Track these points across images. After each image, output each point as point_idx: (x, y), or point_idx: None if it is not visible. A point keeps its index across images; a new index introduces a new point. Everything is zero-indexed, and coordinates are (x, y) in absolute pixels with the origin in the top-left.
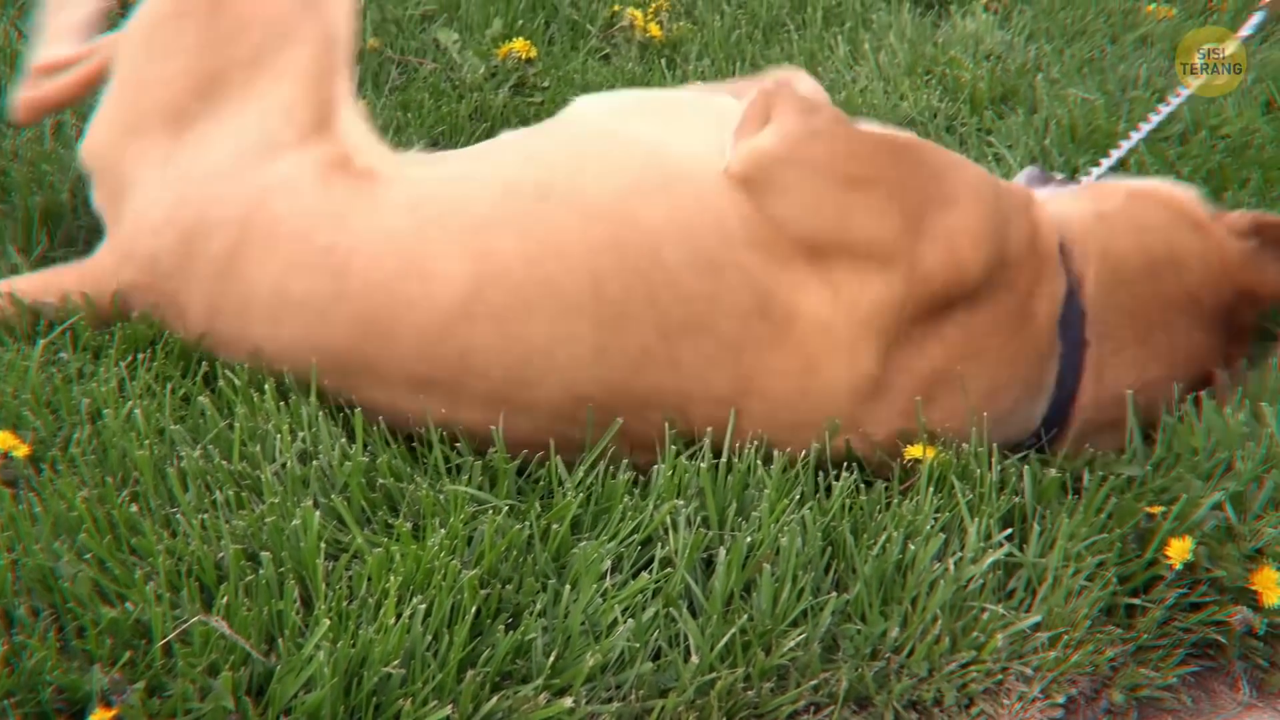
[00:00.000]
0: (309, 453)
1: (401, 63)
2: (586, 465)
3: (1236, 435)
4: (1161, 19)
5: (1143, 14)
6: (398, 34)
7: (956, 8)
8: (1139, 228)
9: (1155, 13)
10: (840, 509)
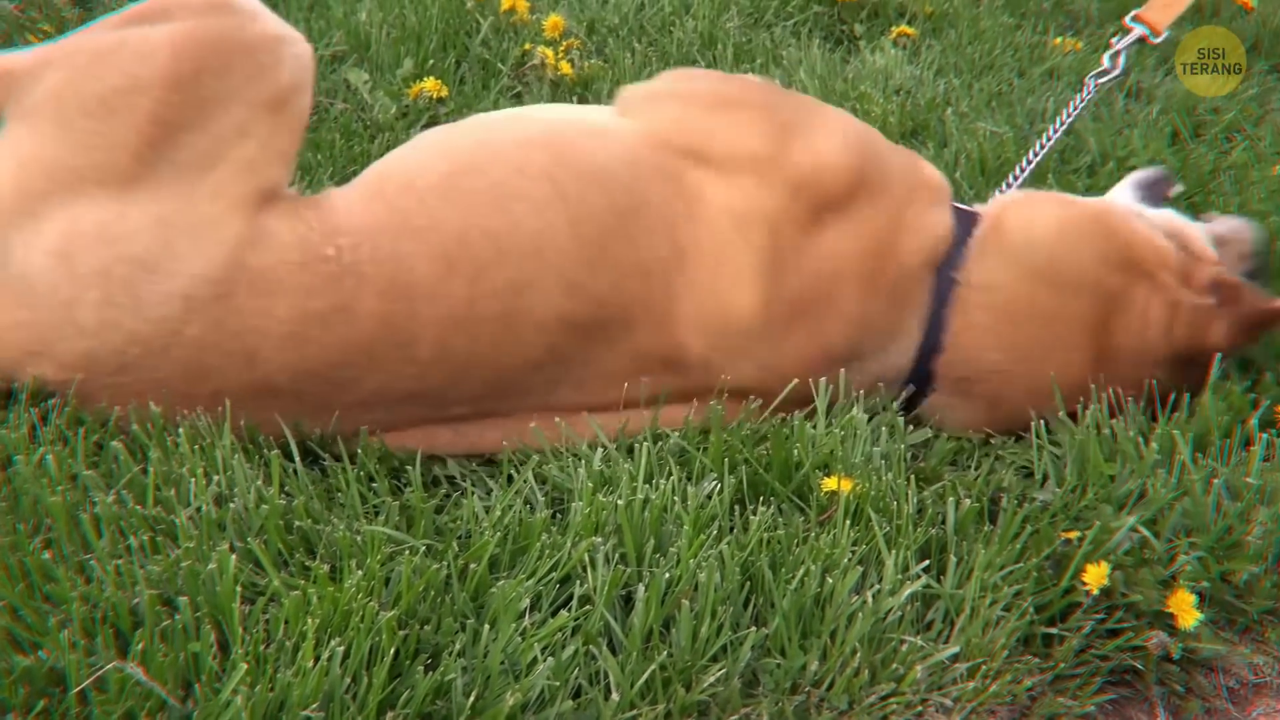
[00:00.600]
0: (224, 496)
1: (312, 103)
2: (503, 504)
3: (1149, 463)
4: (1068, 52)
5: (1049, 48)
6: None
7: (866, 43)
8: (1072, 238)
9: (1062, 46)
10: (758, 543)
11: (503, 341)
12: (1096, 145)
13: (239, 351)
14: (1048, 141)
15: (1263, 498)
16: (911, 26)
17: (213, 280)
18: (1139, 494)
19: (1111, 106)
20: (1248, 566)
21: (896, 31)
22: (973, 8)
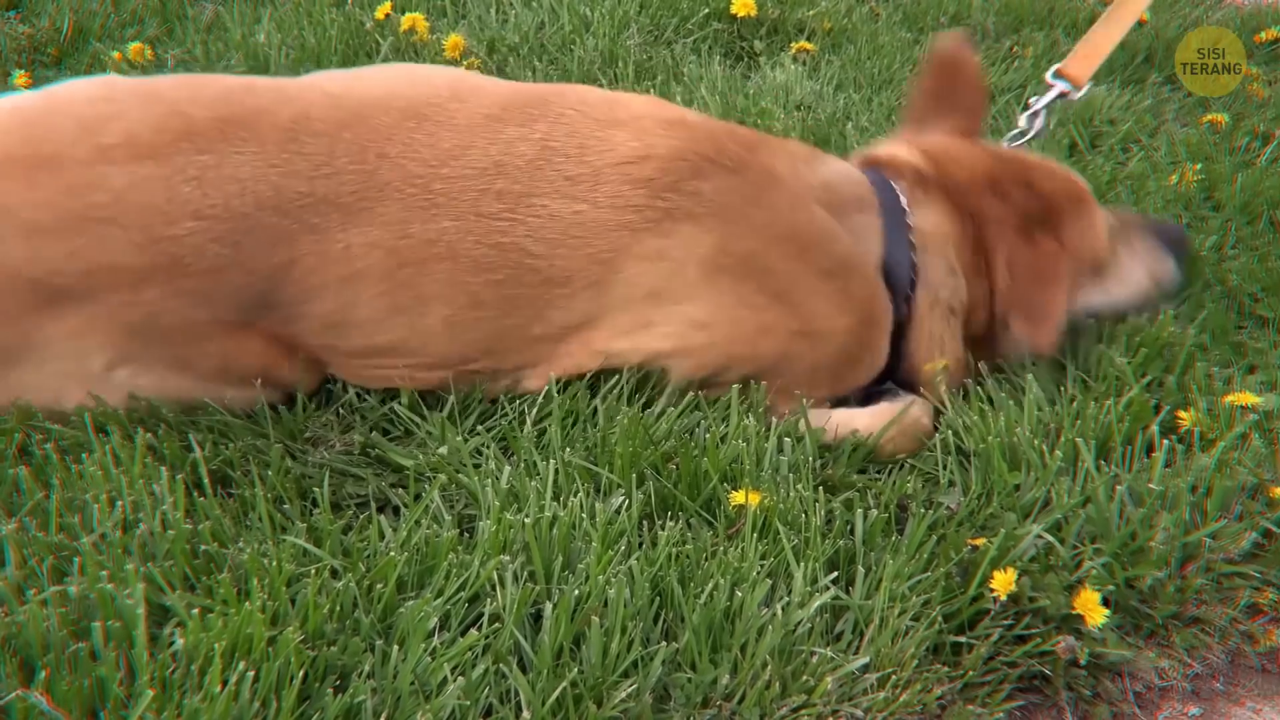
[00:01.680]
0: (131, 520)
1: None
2: (410, 524)
3: (1053, 470)
4: None
5: None
6: None
7: (766, 59)
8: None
9: None
10: (667, 558)
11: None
12: None
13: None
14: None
15: (1165, 504)
16: (811, 42)
17: None
18: (1044, 501)
19: (1010, 119)
20: (1152, 571)
21: (796, 47)
22: (871, 23)
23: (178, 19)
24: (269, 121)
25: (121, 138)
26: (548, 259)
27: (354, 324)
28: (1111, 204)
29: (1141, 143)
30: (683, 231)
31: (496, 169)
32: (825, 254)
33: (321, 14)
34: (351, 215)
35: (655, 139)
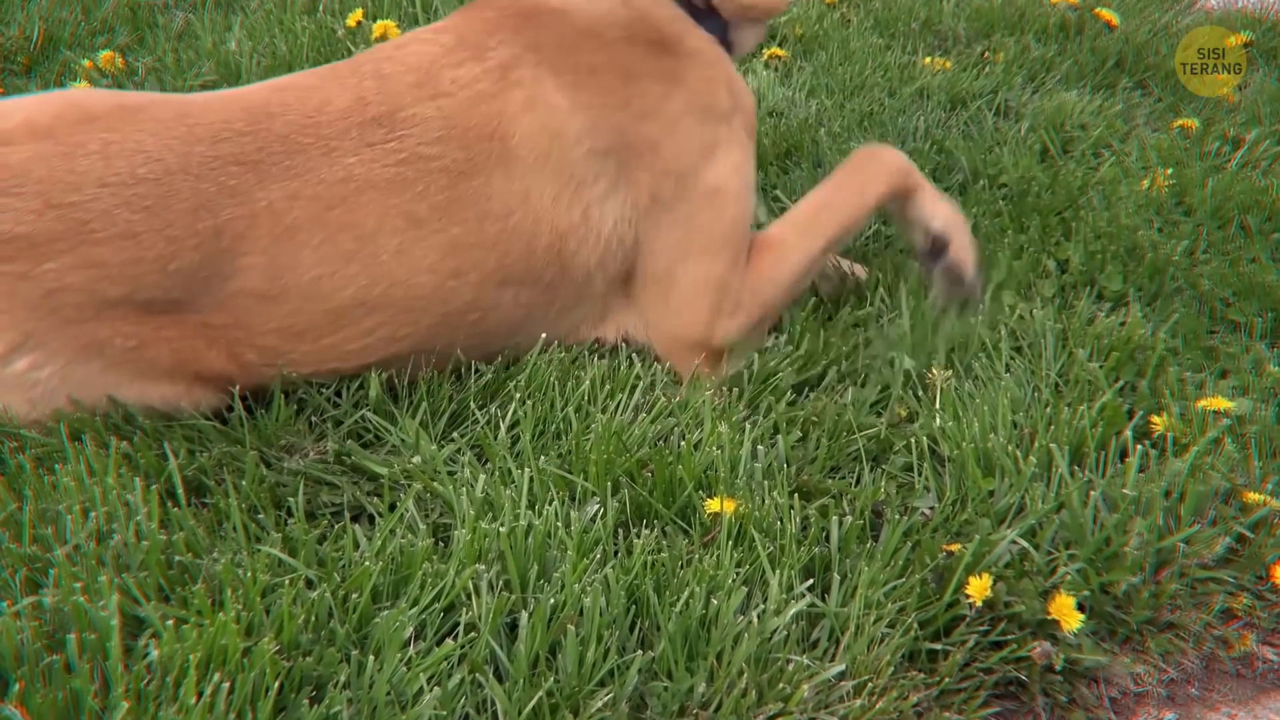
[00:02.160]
0: (105, 531)
1: None
2: (385, 533)
3: (1027, 476)
4: (938, 71)
5: (919, 67)
6: None
7: (738, 67)
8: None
9: (932, 65)
10: (642, 567)
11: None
12: (967, 163)
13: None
14: None
15: (1139, 509)
16: (783, 49)
17: None
18: (1018, 507)
19: (981, 124)
20: (1127, 577)
21: (768, 54)
22: (843, 29)
23: (149, 27)
24: (160, 106)
25: (20, 123)
26: (446, 156)
27: (305, 289)
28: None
29: (1113, 148)
30: (527, 71)
31: (359, 103)
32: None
33: (293, 22)
34: (263, 171)
35: (463, 29)
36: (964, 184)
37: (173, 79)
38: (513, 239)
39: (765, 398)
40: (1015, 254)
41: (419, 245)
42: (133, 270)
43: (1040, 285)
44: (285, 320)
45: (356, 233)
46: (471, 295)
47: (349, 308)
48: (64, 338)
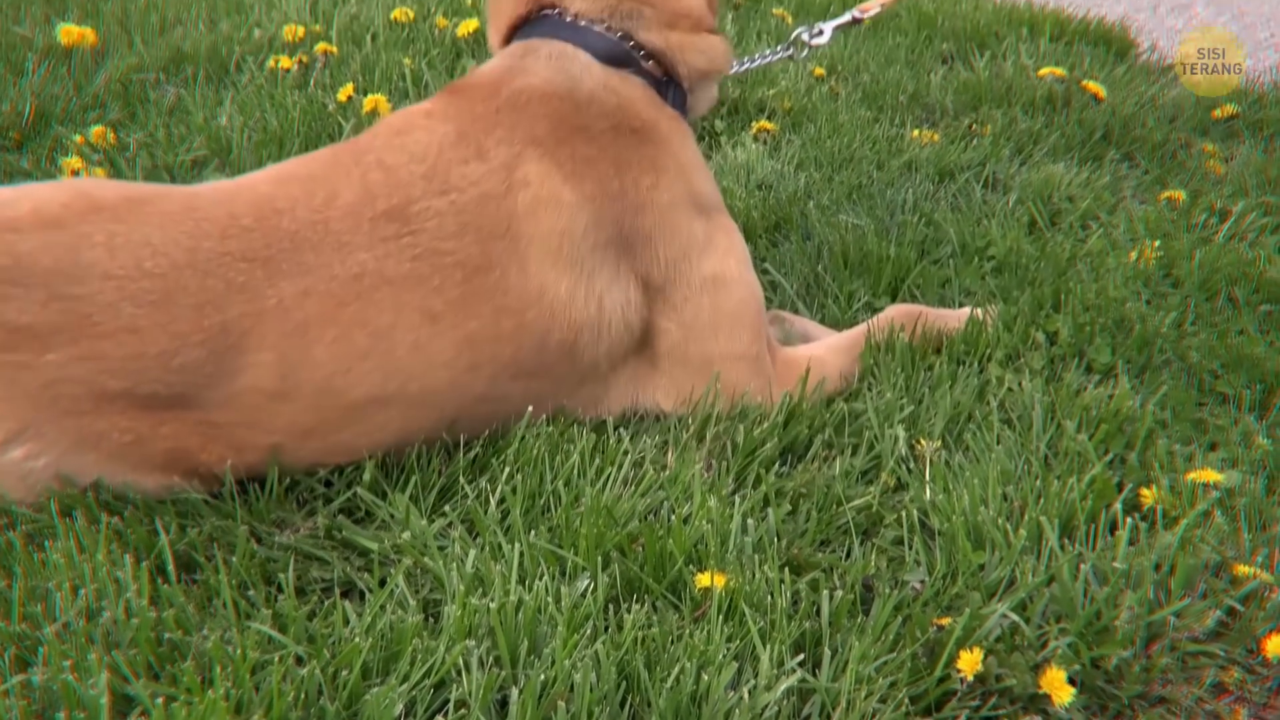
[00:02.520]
0: (94, 608)
1: None
2: (375, 608)
3: (1017, 549)
4: (926, 144)
5: (907, 140)
6: (170, 180)
7: (727, 139)
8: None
9: (920, 138)
10: (633, 642)
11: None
12: (956, 235)
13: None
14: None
15: (1130, 582)
16: (771, 121)
17: None
18: (1009, 580)
19: (970, 197)
20: (1118, 651)
21: (757, 127)
22: (831, 102)
23: (140, 102)
24: (168, 199)
25: (28, 211)
26: (461, 251)
27: (318, 386)
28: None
29: (1101, 220)
30: (531, 167)
31: (367, 196)
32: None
33: (284, 97)
34: (273, 268)
35: (459, 119)
36: (952, 256)
37: (164, 154)
38: (527, 333)
39: (752, 469)
40: (1005, 326)
41: (435, 340)
42: (135, 364)
43: (1029, 357)
44: (295, 418)
45: (371, 329)
46: (485, 388)
47: (363, 404)
48: (61, 428)
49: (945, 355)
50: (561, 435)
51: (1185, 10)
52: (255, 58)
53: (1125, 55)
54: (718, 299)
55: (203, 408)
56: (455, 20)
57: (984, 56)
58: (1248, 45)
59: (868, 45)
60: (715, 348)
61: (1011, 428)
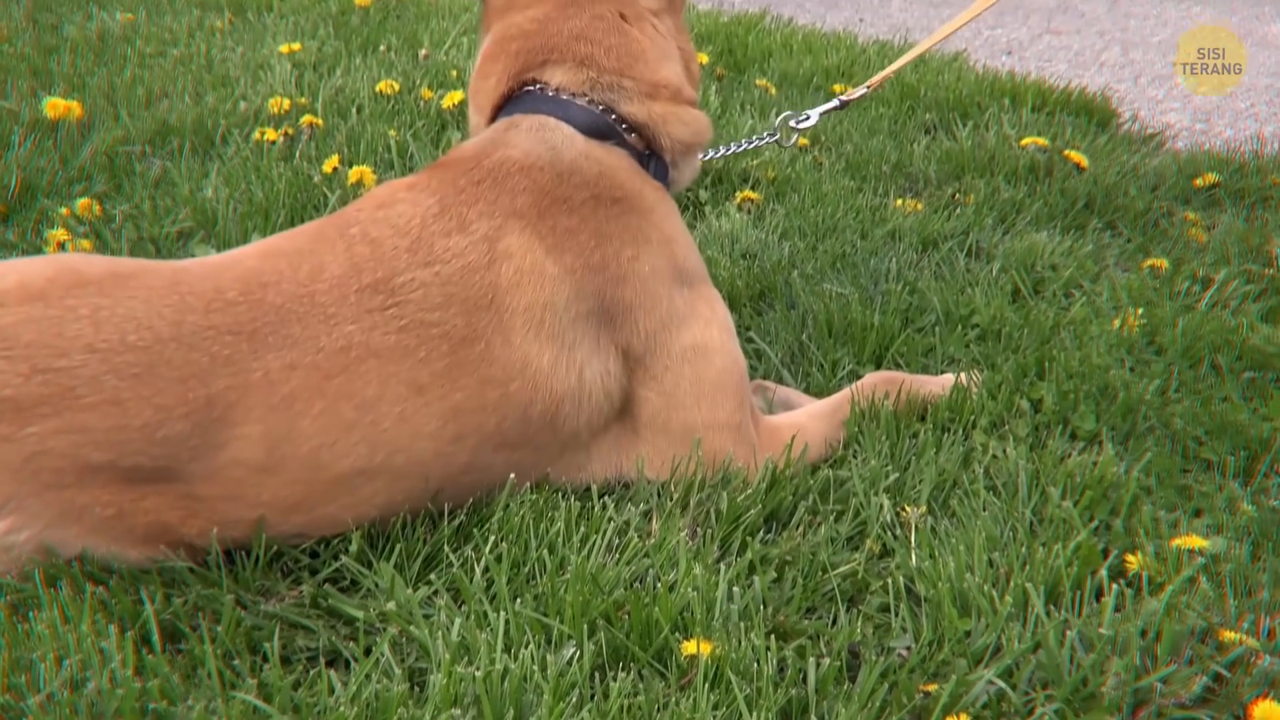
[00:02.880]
0: (79, 679)
1: None
2: (360, 678)
3: (1003, 615)
4: (909, 213)
5: (891, 209)
6: (155, 252)
7: (711, 208)
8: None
9: (903, 207)
10: (619, 710)
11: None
12: (940, 303)
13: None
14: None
15: (1116, 648)
16: (756, 191)
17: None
18: (995, 647)
19: (953, 265)
20: (1104, 717)
21: (741, 196)
22: (815, 172)
23: (126, 175)
24: (153, 274)
25: (14, 284)
26: (447, 323)
27: (304, 459)
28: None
29: (1084, 288)
30: (514, 240)
31: (353, 269)
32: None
33: (269, 168)
34: (259, 341)
35: (442, 192)
36: (937, 324)
37: (150, 225)
38: (511, 404)
39: (737, 536)
40: (989, 393)
41: (421, 412)
42: (118, 437)
43: (1014, 424)
44: (281, 491)
45: (358, 401)
46: (468, 459)
47: (348, 477)
48: (43, 502)
49: (930, 422)
50: (545, 503)
51: (1166, 80)
52: (241, 130)
53: (1107, 125)
54: (699, 368)
55: (187, 481)
56: (440, 92)
57: (966, 126)
58: (1228, 115)
59: (851, 116)
60: (697, 416)
61: (997, 494)
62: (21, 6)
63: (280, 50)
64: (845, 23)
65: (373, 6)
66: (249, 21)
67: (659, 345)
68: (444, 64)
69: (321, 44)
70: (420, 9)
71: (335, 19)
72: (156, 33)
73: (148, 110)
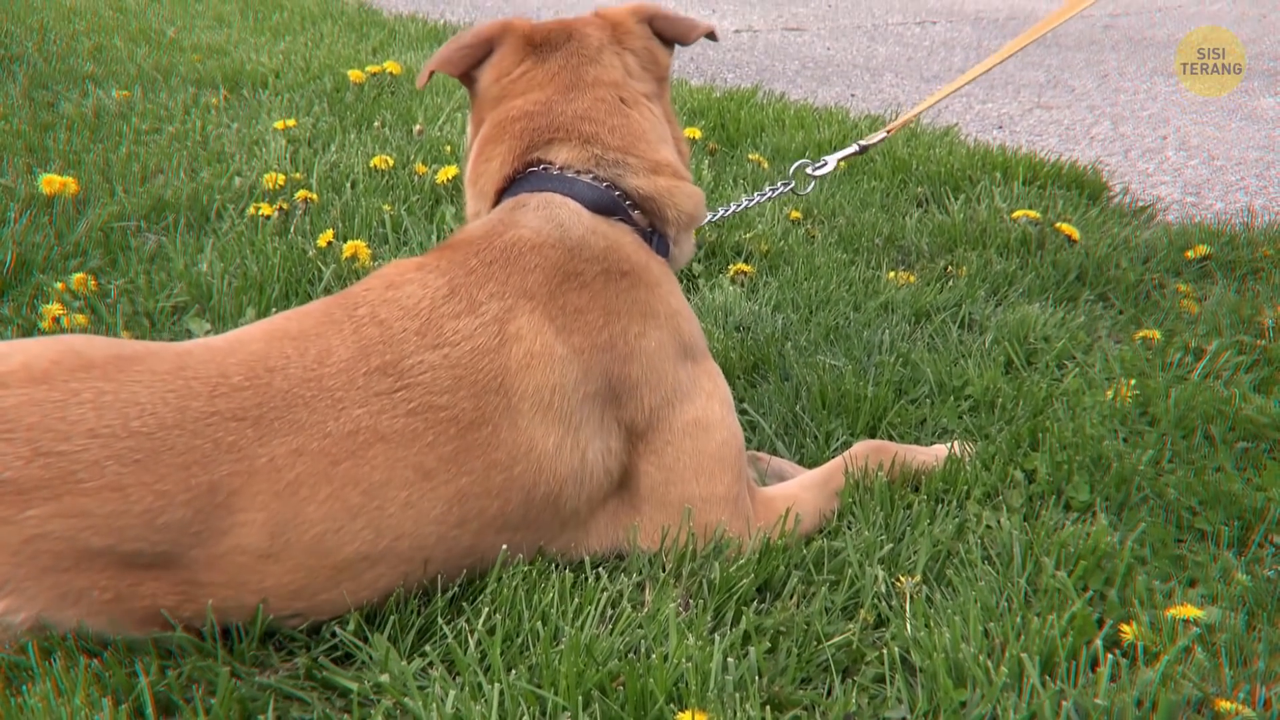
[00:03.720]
0: None
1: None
2: None
3: (998, 686)
4: (902, 285)
5: (884, 281)
6: (150, 327)
7: (705, 281)
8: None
9: (896, 280)
10: None
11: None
12: (933, 375)
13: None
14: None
15: (1112, 719)
16: (749, 264)
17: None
18: (990, 717)
19: (946, 337)
20: None
21: (734, 269)
22: (807, 245)
23: (121, 250)
24: (158, 358)
25: (18, 365)
26: (455, 406)
27: (308, 545)
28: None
29: (1076, 359)
30: (524, 321)
31: (362, 352)
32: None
33: (264, 243)
34: (265, 426)
35: (452, 273)
36: (930, 396)
37: (145, 300)
38: (515, 487)
39: (730, 606)
40: (983, 464)
41: (427, 497)
42: (118, 522)
43: (1008, 495)
44: (283, 578)
45: (364, 486)
46: (471, 542)
47: (353, 562)
48: (41, 584)
49: (924, 493)
50: (538, 574)
51: (1157, 154)
52: (236, 205)
53: (1098, 198)
54: (699, 443)
55: (187, 567)
56: (435, 167)
57: (958, 200)
58: (1219, 188)
59: (843, 189)
60: (696, 490)
61: (991, 564)
62: (18, 83)
63: (275, 126)
64: (837, 98)
65: (367, 83)
66: (244, 98)
67: (661, 420)
68: (438, 139)
69: (316, 120)
70: (414, 85)
71: (330, 95)
72: (152, 109)
73: (143, 186)
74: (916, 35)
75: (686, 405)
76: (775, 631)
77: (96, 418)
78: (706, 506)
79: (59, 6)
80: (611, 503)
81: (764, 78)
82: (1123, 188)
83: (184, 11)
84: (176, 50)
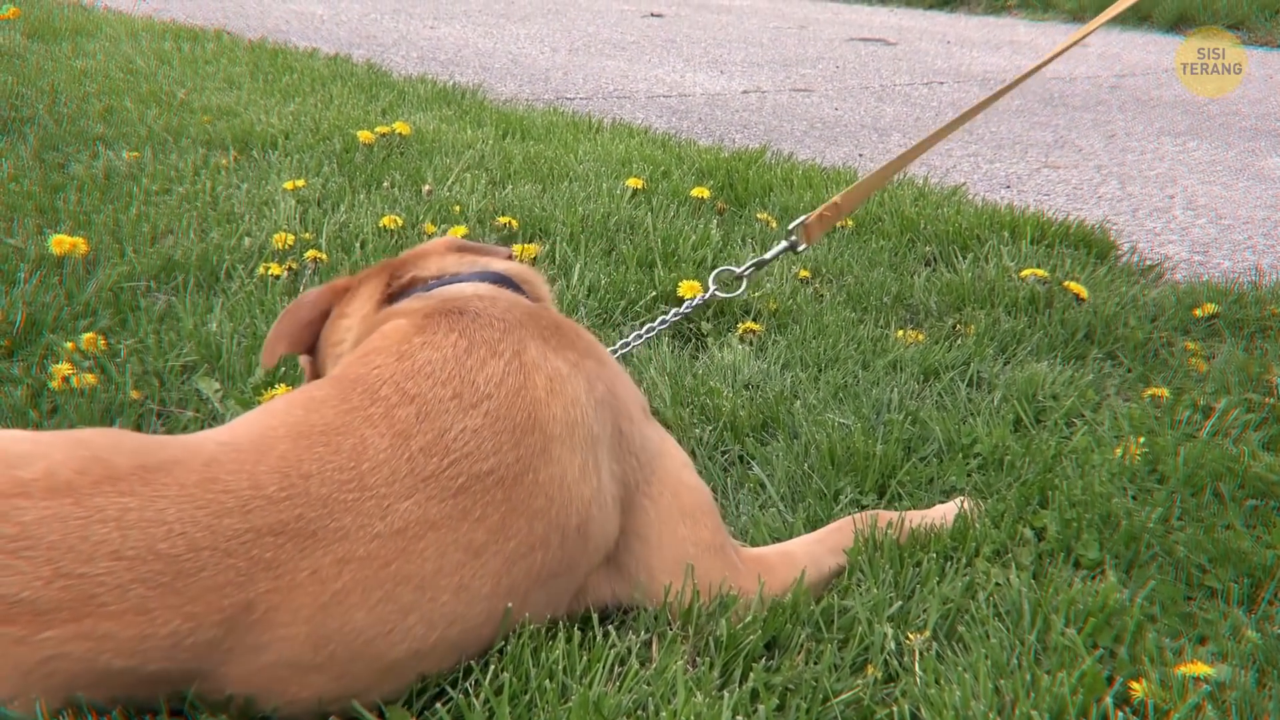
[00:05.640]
0: None
1: (163, 413)
2: None
3: None
4: (910, 344)
5: (892, 340)
6: (160, 386)
7: (713, 340)
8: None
9: (904, 338)
10: None
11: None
12: (941, 433)
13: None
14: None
15: None
16: (757, 323)
17: None
18: None
19: (955, 395)
20: None
21: (743, 328)
22: (816, 304)
23: (130, 309)
24: (185, 468)
25: (40, 473)
26: (501, 467)
27: (355, 653)
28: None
29: (1085, 417)
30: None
31: (400, 438)
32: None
33: (274, 302)
34: (306, 538)
35: (455, 329)
36: (939, 454)
37: (154, 359)
38: (553, 529)
39: (738, 663)
40: (993, 522)
41: (478, 576)
42: (142, 645)
43: (1017, 553)
44: (327, 687)
45: (416, 582)
46: (518, 606)
47: (403, 661)
48: (54, 701)
49: (933, 550)
50: (545, 633)
51: (1165, 213)
52: (245, 265)
53: (1106, 257)
54: (680, 498)
55: (219, 681)
56: (443, 226)
57: (966, 259)
58: (1226, 247)
59: (851, 248)
60: (685, 535)
61: (1001, 621)
62: (29, 145)
63: (285, 186)
64: (845, 158)
65: (376, 143)
66: (254, 159)
67: (647, 471)
68: (447, 199)
69: (326, 180)
70: (424, 145)
71: (339, 156)
72: (162, 170)
73: (153, 246)
74: (924, 95)
75: (661, 461)
76: (784, 688)
77: (121, 538)
78: (695, 555)
79: (70, 69)
80: (617, 545)
81: (772, 138)
82: (1130, 247)
83: (194, 74)
84: (187, 112)
